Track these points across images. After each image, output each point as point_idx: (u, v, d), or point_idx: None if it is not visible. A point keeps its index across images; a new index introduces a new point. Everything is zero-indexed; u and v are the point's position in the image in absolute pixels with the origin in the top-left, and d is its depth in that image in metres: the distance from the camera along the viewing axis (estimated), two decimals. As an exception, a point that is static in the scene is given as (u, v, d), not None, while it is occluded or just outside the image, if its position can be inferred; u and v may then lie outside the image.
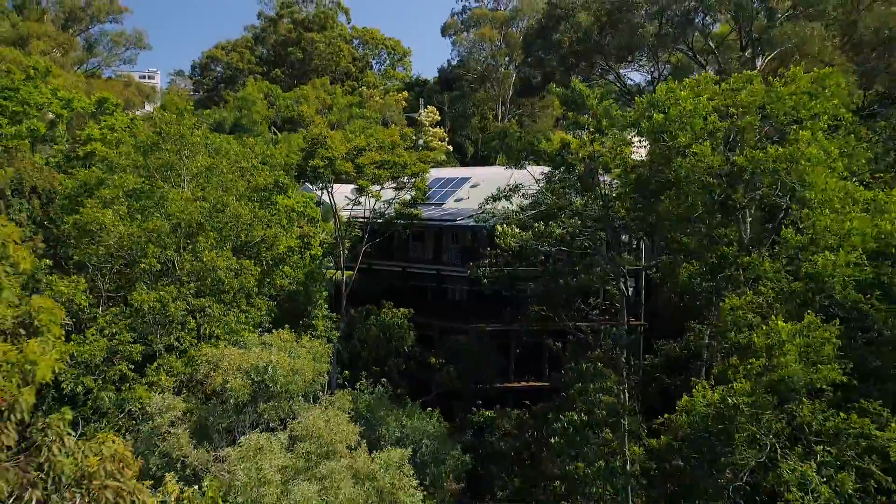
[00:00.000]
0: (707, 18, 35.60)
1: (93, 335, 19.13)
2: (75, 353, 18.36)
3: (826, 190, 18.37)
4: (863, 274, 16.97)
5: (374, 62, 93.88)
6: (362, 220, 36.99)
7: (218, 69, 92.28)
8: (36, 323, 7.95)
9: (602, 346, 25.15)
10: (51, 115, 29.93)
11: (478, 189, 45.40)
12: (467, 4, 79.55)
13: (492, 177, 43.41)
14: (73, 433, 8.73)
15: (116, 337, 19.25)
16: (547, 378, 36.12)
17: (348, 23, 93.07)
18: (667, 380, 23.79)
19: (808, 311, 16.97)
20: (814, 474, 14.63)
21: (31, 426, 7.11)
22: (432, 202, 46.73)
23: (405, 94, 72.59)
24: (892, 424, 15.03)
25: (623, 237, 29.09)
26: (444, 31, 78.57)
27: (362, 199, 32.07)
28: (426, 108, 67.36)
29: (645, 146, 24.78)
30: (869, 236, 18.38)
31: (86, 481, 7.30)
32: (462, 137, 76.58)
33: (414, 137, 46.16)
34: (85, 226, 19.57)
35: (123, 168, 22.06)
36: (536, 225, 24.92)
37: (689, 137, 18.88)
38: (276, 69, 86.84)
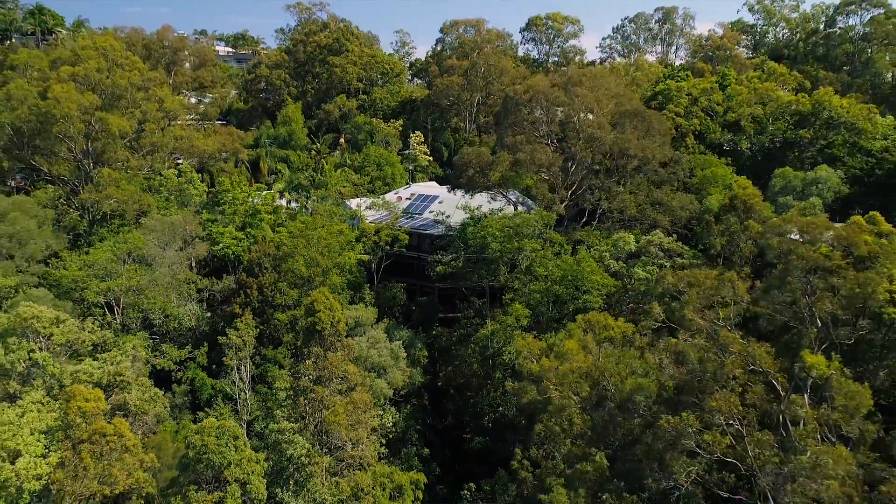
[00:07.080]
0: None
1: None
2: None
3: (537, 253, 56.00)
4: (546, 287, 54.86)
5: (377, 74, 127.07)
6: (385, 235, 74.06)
7: (262, 83, 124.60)
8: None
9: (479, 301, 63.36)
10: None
11: (442, 205, 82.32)
12: (441, 47, 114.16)
13: (451, 198, 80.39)
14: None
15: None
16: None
17: (359, 41, 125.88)
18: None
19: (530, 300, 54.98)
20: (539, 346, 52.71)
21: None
22: (415, 214, 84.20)
23: (401, 120, 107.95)
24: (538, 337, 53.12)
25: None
26: (427, 72, 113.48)
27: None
28: (414, 132, 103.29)
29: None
30: (557, 275, 56.01)
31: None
32: (440, 144, 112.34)
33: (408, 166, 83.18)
34: (290, 268, 56.65)
35: (295, 239, 59.03)
36: (454, 263, 62.51)
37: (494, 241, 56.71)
38: (307, 84, 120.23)
